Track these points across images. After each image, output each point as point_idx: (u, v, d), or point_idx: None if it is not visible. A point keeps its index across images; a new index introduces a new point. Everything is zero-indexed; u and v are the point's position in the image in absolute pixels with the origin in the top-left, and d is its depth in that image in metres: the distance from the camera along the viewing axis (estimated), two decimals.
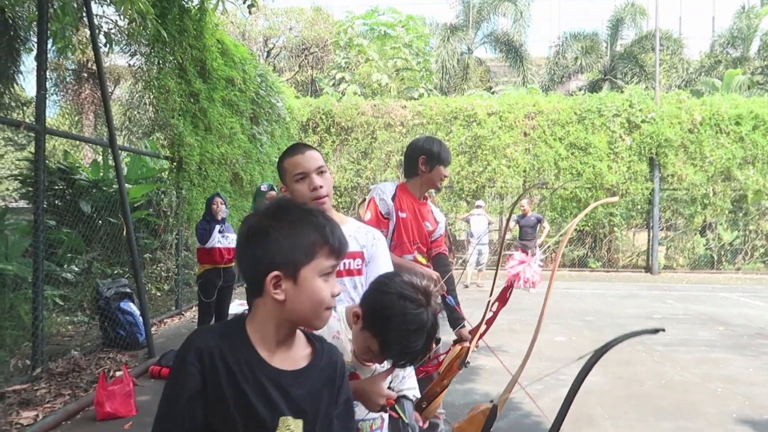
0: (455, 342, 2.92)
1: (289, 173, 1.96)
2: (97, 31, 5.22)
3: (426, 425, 2.08)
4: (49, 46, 7.27)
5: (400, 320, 1.45)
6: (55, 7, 5.12)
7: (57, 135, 6.76)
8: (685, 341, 6.56)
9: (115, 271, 7.59)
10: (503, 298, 2.68)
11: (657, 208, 14.38)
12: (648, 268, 14.69)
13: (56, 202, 7.67)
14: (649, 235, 14.84)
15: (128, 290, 5.98)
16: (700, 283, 12.79)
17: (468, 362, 2.44)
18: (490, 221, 11.83)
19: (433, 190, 3.19)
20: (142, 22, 5.41)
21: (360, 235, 2.09)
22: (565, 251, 14.96)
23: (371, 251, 2.08)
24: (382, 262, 2.09)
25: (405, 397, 1.79)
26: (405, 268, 2.70)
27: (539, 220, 10.83)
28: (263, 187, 6.70)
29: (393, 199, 2.74)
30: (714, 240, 14.93)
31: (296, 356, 1.24)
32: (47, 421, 3.62)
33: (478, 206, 11.74)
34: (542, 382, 4.87)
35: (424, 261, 2.86)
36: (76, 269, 7.19)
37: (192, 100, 7.54)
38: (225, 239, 5.59)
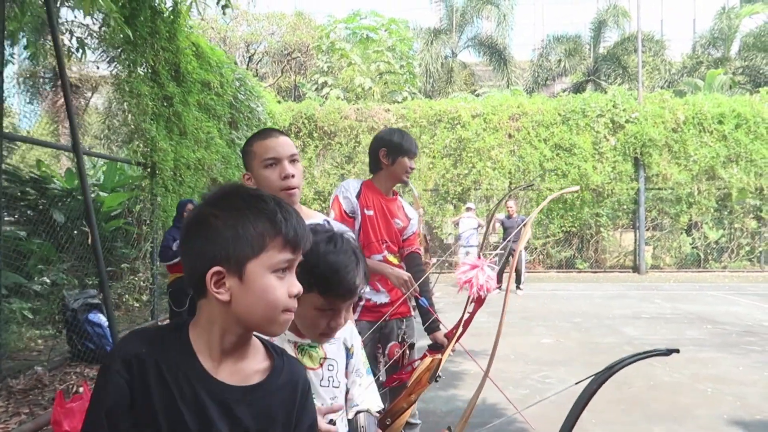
0: (430, 347, 2.75)
1: (257, 157, 1.80)
2: (58, 32, 5.00)
3: None
4: (8, 48, 7.09)
5: (321, 251, 1.36)
6: (14, 6, 4.91)
7: (16, 140, 6.52)
8: (674, 341, 6.42)
9: (90, 282, 7.35)
10: (480, 300, 2.51)
11: (643, 207, 14.33)
12: (635, 268, 14.62)
13: (28, 212, 7.44)
14: (635, 235, 14.79)
15: (97, 301, 5.74)
16: (687, 282, 12.74)
17: (439, 376, 2.27)
18: (480, 224, 11.72)
19: (415, 193, 3.03)
20: (108, 20, 5.20)
21: None
22: (552, 252, 14.88)
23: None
24: None
25: (368, 411, 1.61)
26: (374, 269, 2.52)
27: (524, 223, 10.77)
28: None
29: (358, 196, 2.58)
30: (700, 239, 14.90)
31: (248, 370, 1.05)
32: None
33: (468, 209, 11.67)
34: (527, 386, 4.72)
35: (395, 261, 2.69)
36: (48, 281, 6.94)
37: (165, 104, 7.33)
38: None
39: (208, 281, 0.98)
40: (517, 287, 10.93)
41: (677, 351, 1.40)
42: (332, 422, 1.38)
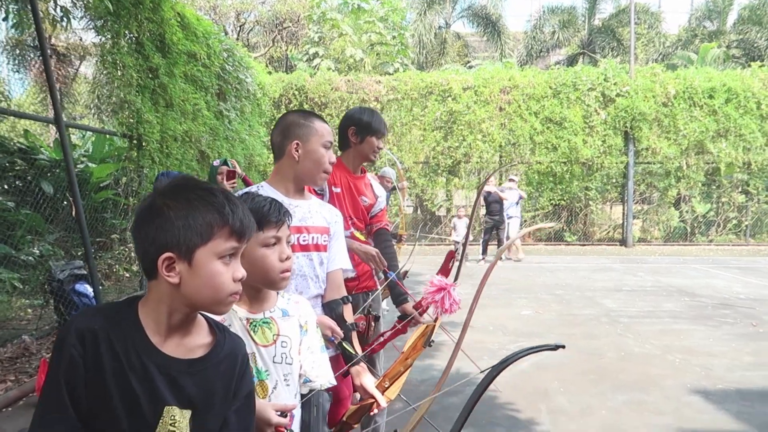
0: (399, 318, 2.84)
1: (320, 136, 2.02)
2: (37, 3, 4.96)
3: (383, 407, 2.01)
4: None
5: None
6: None
7: None
8: (650, 313, 6.58)
9: (77, 253, 7.41)
10: (446, 269, 2.60)
11: (632, 181, 14.43)
12: (623, 242, 14.79)
13: (16, 182, 7.45)
14: (623, 209, 14.92)
15: (84, 272, 5.81)
16: (673, 255, 12.91)
17: (432, 341, 2.36)
18: (521, 195, 11.77)
19: (399, 166, 3.10)
20: None
21: (325, 211, 2.13)
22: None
23: (334, 228, 2.12)
24: (341, 241, 2.16)
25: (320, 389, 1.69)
26: None
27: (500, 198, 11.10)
28: (215, 163, 6.47)
29: None
30: (688, 212, 15.05)
31: (192, 344, 1.15)
32: None
33: (511, 180, 11.74)
34: (501, 356, 4.84)
35: (362, 237, 2.76)
36: (36, 251, 7.00)
37: (150, 76, 7.30)
38: None
39: (160, 265, 1.08)
40: (499, 258, 11.08)
41: (563, 347, 1.56)
42: (284, 415, 1.46)
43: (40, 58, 14.94)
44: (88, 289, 5.72)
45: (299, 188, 2.05)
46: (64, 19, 7.48)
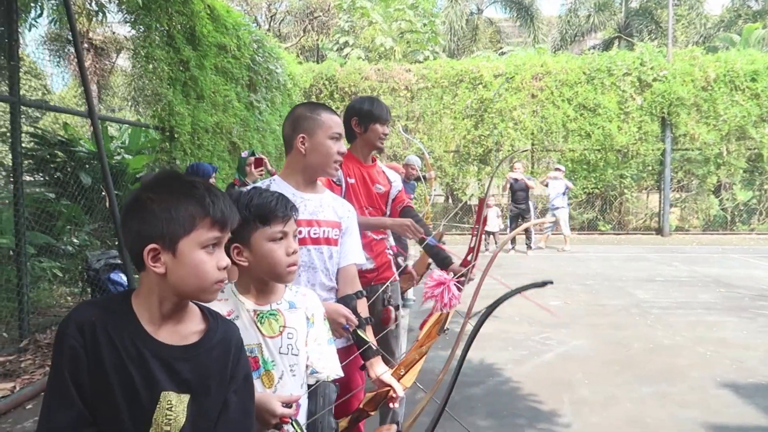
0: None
1: (327, 128, 2.02)
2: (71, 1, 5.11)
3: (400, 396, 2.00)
4: (35, 15, 7.24)
5: (246, 202, 1.56)
6: None
7: (32, 106, 6.71)
8: (684, 304, 6.44)
9: (114, 242, 7.64)
10: (479, 217, 2.54)
11: (669, 168, 14.06)
12: (659, 230, 14.45)
13: (57, 174, 7.71)
14: (660, 197, 14.56)
15: (119, 261, 6.00)
16: (712, 244, 12.57)
17: (447, 329, 2.34)
18: (568, 186, 11.65)
19: (426, 156, 3.13)
20: None
21: (338, 205, 2.14)
22: (573, 214, 14.77)
23: (347, 223, 2.13)
24: (354, 236, 2.15)
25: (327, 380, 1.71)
26: (373, 224, 2.66)
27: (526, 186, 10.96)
28: (244, 154, 6.62)
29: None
30: (728, 200, 14.59)
31: (185, 331, 1.20)
32: (24, 392, 3.67)
33: (557, 169, 11.60)
34: (526, 347, 4.84)
35: None
36: (76, 241, 7.24)
37: (182, 68, 7.43)
38: None
39: (146, 256, 1.13)
40: (528, 247, 10.98)
41: (551, 282, 1.55)
42: (288, 406, 1.49)
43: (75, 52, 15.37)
44: (123, 278, 5.91)
45: (310, 181, 2.07)
46: (100, 13, 7.68)
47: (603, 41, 22.82)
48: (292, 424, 1.44)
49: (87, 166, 7.55)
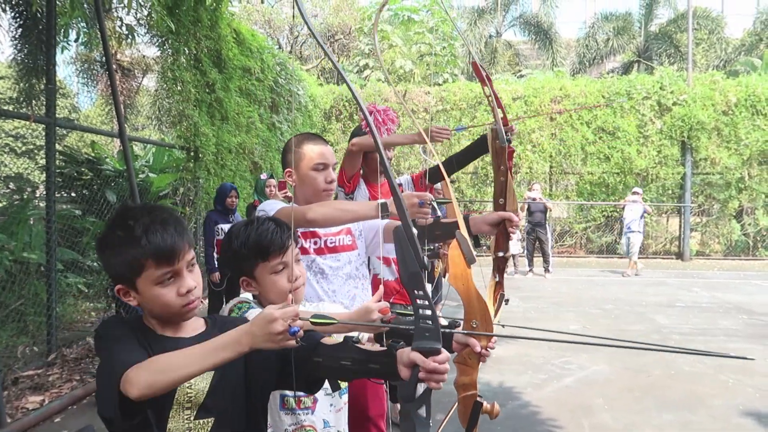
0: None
1: (308, 159, 2.05)
2: (105, 25, 5.31)
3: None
4: (70, 39, 7.50)
5: (243, 238, 1.61)
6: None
7: (67, 127, 6.92)
8: (705, 330, 6.39)
9: None
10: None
11: (689, 192, 13.95)
12: (679, 255, 14.30)
13: (84, 191, 7.90)
14: (680, 221, 14.44)
15: None
16: (733, 270, 12.40)
17: (507, 298, 2.07)
18: (646, 210, 11.61)
19: (447, 180, 3.21)
20: (151, 11, 5.48)
21: None
22: (592, 237, 14.71)
23: (361, 223, 2.15)
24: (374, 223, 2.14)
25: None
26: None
27: (545, 207, 10.99)
28: (263, 176, 6.77)
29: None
30: (751, 225, 14.42)
31: (187, 330, 1.32)
32: (52, 405, 3.77)
33: (635, 193, 11.52)
34: (546, 371, 4.83)
35: None
36: None
37: (207, 90, 7.63)
38: None
39: (118, 294, 1.27)
40: (546, 270, 10.94)
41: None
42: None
43: (107, 73, 15.77)
44: None
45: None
46: (129, 36, 7.93)
47: (622, 65, 22.84)
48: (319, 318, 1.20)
49: (113, 183, 7.75)
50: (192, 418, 1.23)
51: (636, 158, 13.81)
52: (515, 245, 10.96)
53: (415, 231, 1.06)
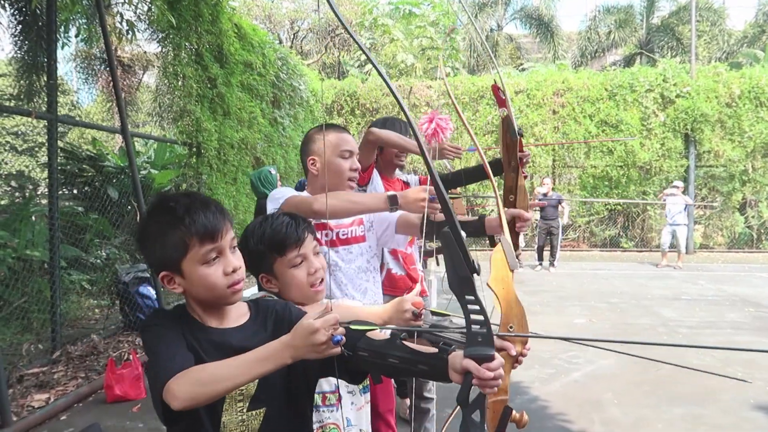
0: None
1: (335, 146, 2.06)
2: (106, 22, 5.26)
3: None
4: (70, 35, 7.44)
5: (258, 234, 1.59)
6: None
7: (68, 123, 6.87)
8: (712, 323, 6.35)
9: (140, 256, 7.76)
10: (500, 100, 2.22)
11: (693, 185, 13.90)
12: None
13: (85, 188, 7.87)
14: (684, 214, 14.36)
15: (147, 275, 6.10)
16: (738, 263, 12.37)
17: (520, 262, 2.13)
18: (687, 202, 11.56)
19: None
20: (151, 6, 5.44)
21: None
22: (595, 231, 14.67)
23: (373, 214, 2.14)
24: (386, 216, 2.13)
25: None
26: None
27: (560, 201, 10.83)
28: (273, 171, 6.67)
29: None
30: (754, 218, 14.37)
31: (231, 318, 1.32)
32: (58, 403, 3.74)
33: (675, 186, 11.51)
34: (553, 366, 4.80)
35: None
36: (103, 254, 7.37)
37: (209, 86, 7.57)
38: None
39: (162, 282, 1.25)
40: (551, 264, 10.91)
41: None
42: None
43: (108, 70, 15.70)
44: (151, 291, 6.00)
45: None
46: (129, 32, 7.87)
47: (624, 57, 22.73)
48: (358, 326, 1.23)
49: (114, 180, 7.71)
50: (245, 410, 1.26)
51: (639, 151, 13.75)
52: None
53: (463, 234, 1.02)
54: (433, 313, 1.78)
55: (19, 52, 7.73)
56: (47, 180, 6.57)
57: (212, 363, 1.14)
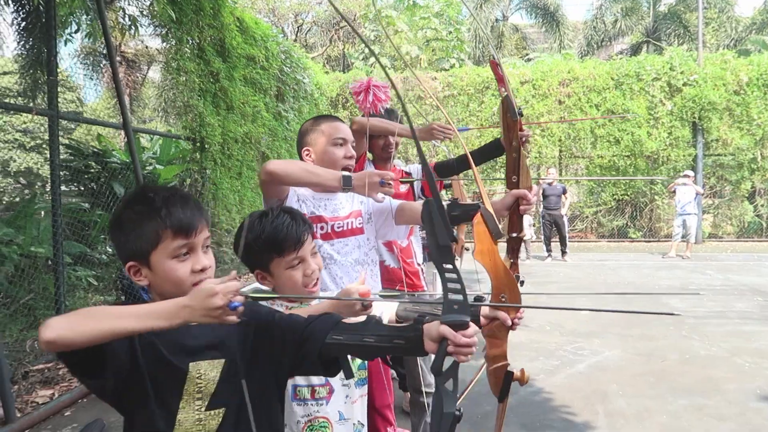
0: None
1: (328, 135, 2.07)
2: (106, 17, 5.25)
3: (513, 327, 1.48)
4: (71, 30, 7.44)
5: (257, 230, 1.57)
6: None
7: (69, 119, 6.89)
8: (719, 313, 6.30)
9: None
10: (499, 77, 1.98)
11: (701, 174, 13.76)
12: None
13: (91, 184, 7.90)
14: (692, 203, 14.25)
15: None
16: (746, 252, 12.26)
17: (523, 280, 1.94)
18: (698, 191, 11.53)
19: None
20: (153, 1, 5.42)
21: (355, 199, 2.15)
22: (603, 221, 14.59)
23: (371, 206, 2.14)
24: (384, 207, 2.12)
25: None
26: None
27: (564, 191, 10.80)
28: None
29: None
30: (764, 206, 14.23)
31: None
32: (62, 399, 3.76)
33: (686, 176, 11.46)
34: (558, 357, 4.78)
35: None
36: (110, 250, 7.40)
37: (212, 80, 7.56)
38: None
39: (128, 273, 1.24)
40: (563, 253, 10.87)
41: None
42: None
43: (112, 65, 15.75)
44: None
45: (324, 190, 2.05)
46: (132, 27, 7.87)
47: (631, 46, 22.52)
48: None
49: (120, 176, 7.73)
50: (203, 409, 1.23)
51: (646, 140, 13.64)
52: (527, 230, 10.88)
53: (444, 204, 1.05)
54: (382, 295, 1.79)
55: (22, 48, 7.76)
56: (68, 177, 6.62)
57: (105, 306, 1.12)
